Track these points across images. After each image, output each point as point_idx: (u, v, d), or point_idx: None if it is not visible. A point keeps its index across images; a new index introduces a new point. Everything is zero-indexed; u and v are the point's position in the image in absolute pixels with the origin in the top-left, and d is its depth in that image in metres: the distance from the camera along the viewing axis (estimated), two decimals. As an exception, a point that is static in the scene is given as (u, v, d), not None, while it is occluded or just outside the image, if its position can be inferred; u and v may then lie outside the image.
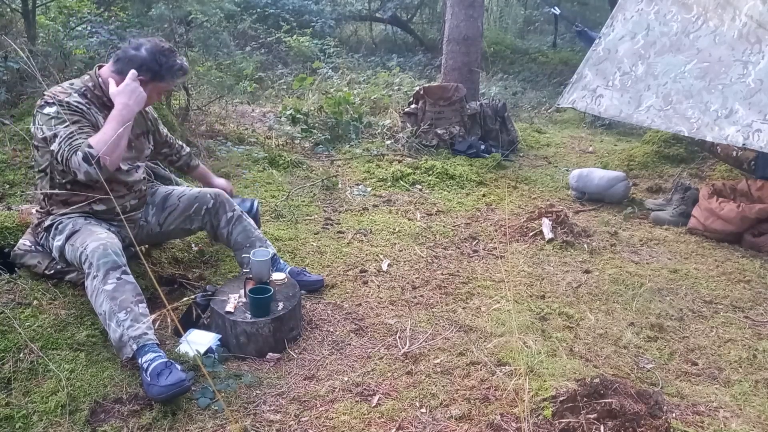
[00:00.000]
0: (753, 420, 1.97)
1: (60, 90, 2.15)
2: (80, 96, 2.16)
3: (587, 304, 2.72)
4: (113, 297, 2.01)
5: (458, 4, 5.48)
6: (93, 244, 2.06)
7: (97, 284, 2.02)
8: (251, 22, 8.00)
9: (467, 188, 4.38)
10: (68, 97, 2.13)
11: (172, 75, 2.25)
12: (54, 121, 2.06)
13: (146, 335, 2.00)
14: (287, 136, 5.09)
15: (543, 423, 1.83)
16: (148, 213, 2.50)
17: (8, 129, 3.54)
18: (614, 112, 3.72)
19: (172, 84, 2.35)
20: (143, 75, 2.17)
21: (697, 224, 3.60)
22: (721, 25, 3.35)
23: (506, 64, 9.52)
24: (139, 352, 1.99)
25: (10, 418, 1.81)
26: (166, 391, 1.88)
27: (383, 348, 2.34)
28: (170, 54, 2.23)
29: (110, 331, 2.02)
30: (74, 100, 2.13)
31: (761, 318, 2.66)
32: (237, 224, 2.59)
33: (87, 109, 2.15)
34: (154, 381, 1.90)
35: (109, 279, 2.03)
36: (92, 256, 2.04)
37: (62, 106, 2.08)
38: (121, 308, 2.00)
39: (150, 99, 2.26)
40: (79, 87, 2.19)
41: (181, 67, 2.27)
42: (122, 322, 1.99)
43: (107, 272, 2.03)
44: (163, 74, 2.22)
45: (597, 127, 6.71)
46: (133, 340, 1.98)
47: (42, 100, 2.12)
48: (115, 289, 2.02)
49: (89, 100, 2.18)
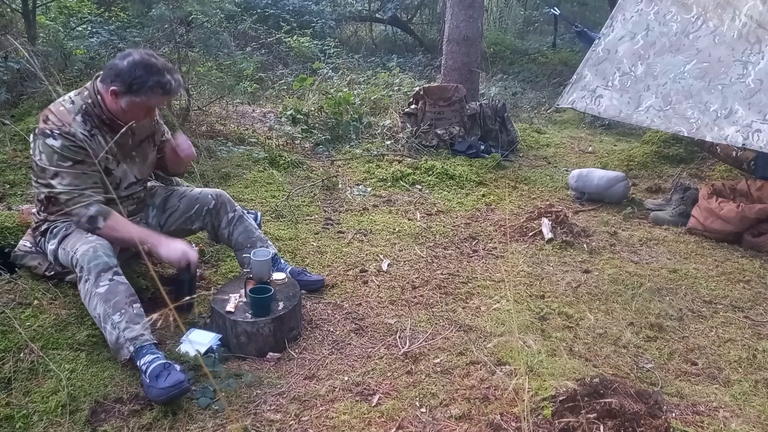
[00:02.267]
0: (753, 420, 1.97)
1: (63, 112, 2.08)
2: (82, 120, 2.10)
3: (587, 304, 2.73)
4: (106, 299, 2.00)
5: (458, 4, 5.48)
6: (83, 248, 2.05)
7: (90, 287, 2.01)
8: (251, 22, 8.01)
9: (467, 188, 4.38)
10: (71, 125, 2.06)
11: (145, 92, 2.08)
12: (56, 157, 2.03)
13: (143, 336, 1.99)
14: (287, 137, 5.10)
15: (543, 423, 1.83)
16: (149, 215, 2.50)
17: (8, 129, 3.55)
18: (614, 112, 3.72)
19: (150, 101, 2.12)
20: (117, 85, 2.07)
21: (696, 224, 3.60)
22: (720, 26, 3.35)
23: (506, 65, 9.53)
24: (137, 354, 1.98)
25: (11, 418, 1.81)
26: (165, 393, 1.88)
27: (383, 348, 2.34)
28: (151, 69, 2.07)
29: (106, 334, 2.02)
30: (78, 129, 2.07)
31: (761, 318, 2.66)
32: (238, 224, 2.59)
33: (90, 138, 2.11)
34: (153, 383, 1.90)
35: (101, 281, 2.01)
36: (82, 259, 2.02)
37: (67, 138, 2.03)
38: (115, 310, 1.99)
39: (132, 113, 2.13)
40: (80, 106, 2.12)
41: (159, 85, 2.09)
42: (117, 325, 1.98)
43: (98, 274, 2.01)
44: (136, 89, 2.07)
45: (596, 127, 6.71)
46: (130, 342, 1.97)
47: (45, 125, 2.05)
48: (108, 291, 2.01)
49: (92, 123, 2.13)
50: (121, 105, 2.11)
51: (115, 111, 2.13)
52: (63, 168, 2.04)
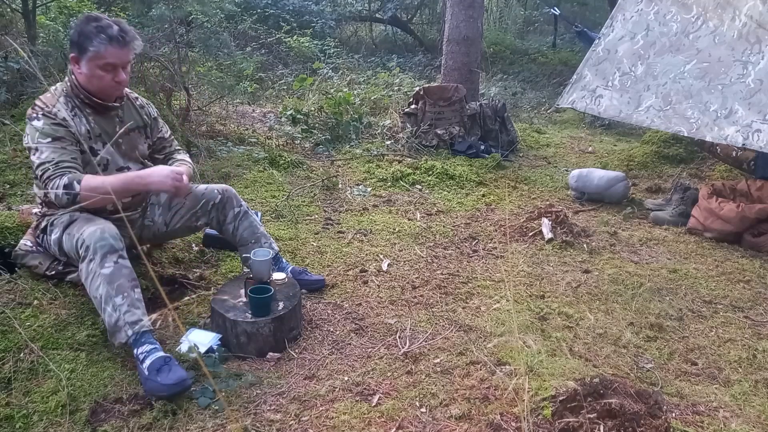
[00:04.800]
0: (753, 420, 1.97)
1: (49, 97, 2.15)
2: (65, 102, 2.16)
3: (587, 304, 2.73)
4: (110, 281, 2.00)
5: (458, 4, 5.48)
6: (90, 229, 2.06)
7: (94, 267, 2.01)
8: (251, 22, 8.02)
9: (467, 188, 4.38)
10: (55, 105, 2.12)
11: (91, 43, 2.06)
12: (38, 134, 2.07)
13: (141, 321, 2.00)
14: (287, 137, 5.10)
15: (543, 423, 1.83)
16: (155, 213, 2.50)
17: (8, 129, 3.55)
18: (614, 112, 3.72)
19: (101, 53, 2.07)
20: (73, 51, 2.12)
21: (696, 224, 3.60)
22: (720, 26, 3.35)
23: (506, 65, 9.53)
24: (135, 343, 1.99)
25: (11, 418, 1.81)
26: (169, 390, 1.89)
27: (383, 348, 2.34)
28: (90, 20, 2.09)
29: (105, 315, 2.02)
30: (62, 110, 2.12)
31: (761, 318, 2.66)
32: (243, 219, 2.59)
33: (72, 116, 2.15)
34: (154, 377, 1.90)
35: (106, 262, 2.01)
36: (89, 239, 2.03)
37: (48, 117, 2.09)
38: (118, 292, 2.00)
39: (95, 78, 2.12)
40: (61, 89, 2.19)
41: (101, 31, 2.05)
42: (119, 307, 1.99)
43: (104, 255, 2.02)
44: (83, 45, 2.07)
45: (596, 127, 6.71)
46: (129, 326, 1.98)
47: (32, 111, 2.12)
48: (113, 273, 2.01)
49: (73, 104, 2.18)
50: (83, 71, 2.13)
51: (84, 83, 2.15)
52: (42, 144, 2.07)
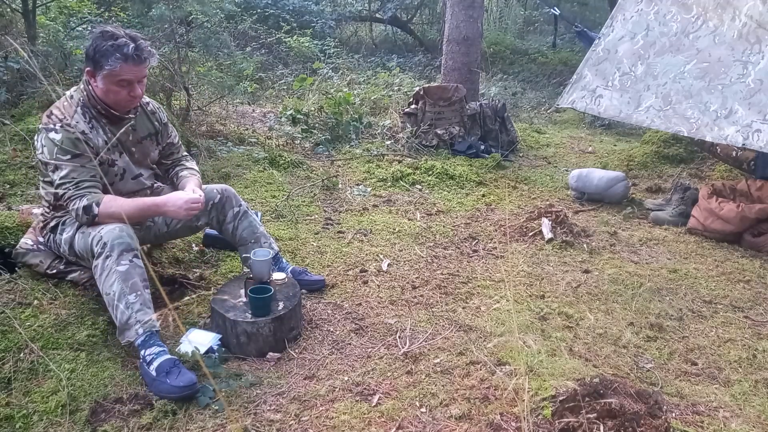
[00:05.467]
0: (753, 420, 1.97)
1: (66, 106, 2.13)
2: (82, 113, 2.15)
3: (587, 304, 2.73)
4: (125, 279, 2.03)
5: (458, 4, 5.48)
6: (108, 227, 2.08)
7: (111, 264, 2.03)
8: (251, 22, 8.01)
9: (467, 188, 4.38)
10: (73, 117, 2.11)
11: (106, 60, 2.06)
12: (56, 150, 2.06)
13: (152, 321, 2.03)
14: (287, 137, 5.10)
15: (543, 423, 1.83)
16: None
17: (8, 129, 3.54)
18: (614, 112, 3.72)
19: (116, 70, 2.08)
20: (88, 65, 2.11)
21: (696, 224, 3.60)
22: (720, 25, 3.35)
23: (506, 65, 9.53)
24: (143, 344, 2.01)
25: (11, 418, 1.81)
26: (179, 392, 1.91)
27: (383, 348, 2.34)
28: (106, 36, 2.07)
29: (117, 312, 2.03)
30: (80, 122, 2.12)
31: (761, 318, 2.66)
32: (243, 219, 2.59)
33: (89, 130, 2.15)
34: (163, 379, 1.93)
35: (123, 260, 2.04)
36: (107, 236, 2.05)
37: (67, 130, 2.07)
38: (132, 291, 2.03)
39: (111, 92, 2.13)
40: (78, 100, 2.17)
41: (117, 49, 2.05)
42: (132, 305, 2.02)
43: (122, 252, 2.04)
44: (99, 61, 2.07)
45: (596, 127, 6.71)
46: (140, 325, 2.01)
47: (48, 120, 2.09)
48: (128, 271, 2.04)
49: (91, 115, 2.17)
50: (99, 86, 2.13)
51: (101, 96, 2.15)
52: (62, 161, 2.07)
